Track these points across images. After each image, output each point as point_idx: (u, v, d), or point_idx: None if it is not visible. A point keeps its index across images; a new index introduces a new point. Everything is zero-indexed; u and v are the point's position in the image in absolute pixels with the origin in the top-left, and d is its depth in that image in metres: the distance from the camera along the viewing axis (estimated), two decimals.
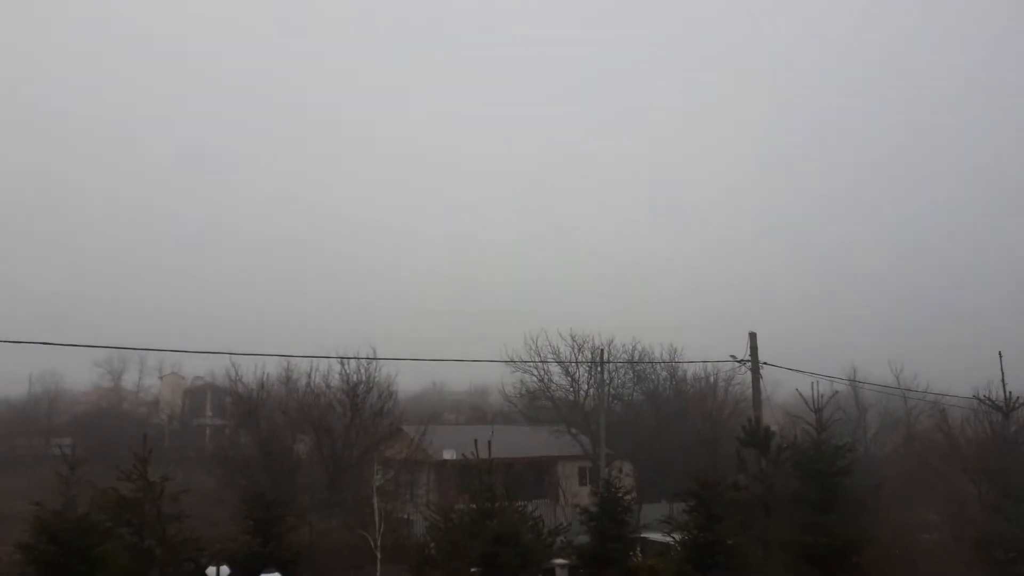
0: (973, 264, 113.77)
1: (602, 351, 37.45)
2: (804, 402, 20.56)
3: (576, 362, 40.06)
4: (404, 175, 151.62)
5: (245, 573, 19.33)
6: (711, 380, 43.60)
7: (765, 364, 25.24)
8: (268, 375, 35.95)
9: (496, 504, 18.39)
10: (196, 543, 17.35)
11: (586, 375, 40.44)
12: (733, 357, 25.75)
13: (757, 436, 20.34)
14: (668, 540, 21.53)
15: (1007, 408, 22.46)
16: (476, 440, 18.78)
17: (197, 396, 71.18)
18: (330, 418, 33.93)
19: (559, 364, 40.20)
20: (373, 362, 33.96)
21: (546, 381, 40.82)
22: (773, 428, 21.57)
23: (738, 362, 25.67)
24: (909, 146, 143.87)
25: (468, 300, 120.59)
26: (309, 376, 35.61)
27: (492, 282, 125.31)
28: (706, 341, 54.69)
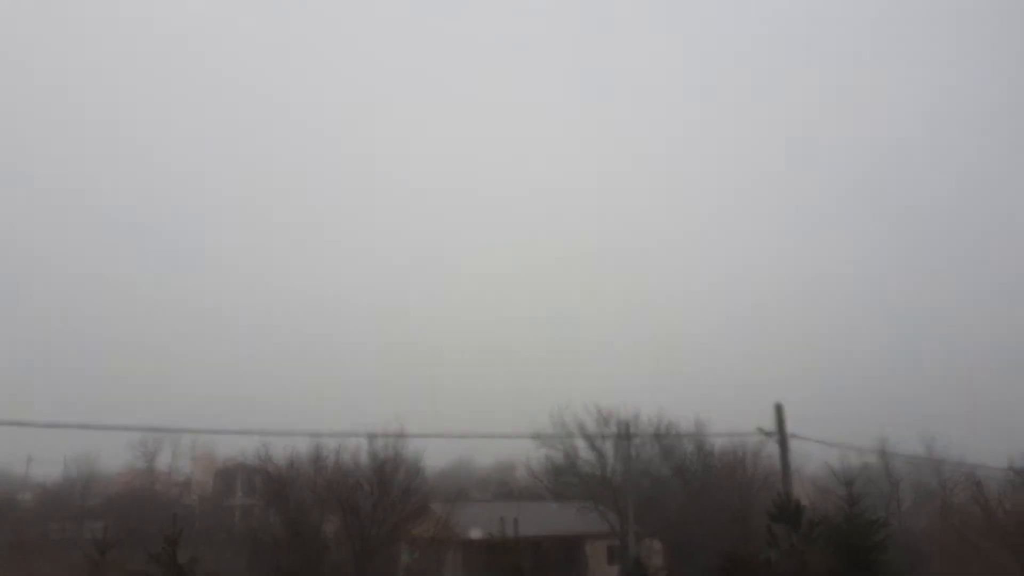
0: (1004, 330, 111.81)
1: (628, 424, 37.25)
2: (834, 475, 20.43)
3: (602, 436, 39.79)
4: (429, 257, 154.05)
5: None
6: (739, 453, 43.06)
7: (793, 436, 25.10)
8: (298, 454, 36.24)
9: None
10: None
11: (612, 449, 40.15)
12: (760, 430, 25.62)
13: (787, 511, 20.09)
14: None
15: None
16: (502, 518, 18.85)
17: (228, 477, 71.26)
18: (358, 496, 33.91)
19: (585, 438, 39.99)
20: (401, 439, 34.15)
21: (572, 456, 40.56)
22: (804, 502, 21.34)
23: (765, 435, 25.54)
24: (935, 210, 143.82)
25: (495, 375, 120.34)
26: (338, 454, 35.83)
27: (518, 356, 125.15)
28: (734, 413, 54.11)
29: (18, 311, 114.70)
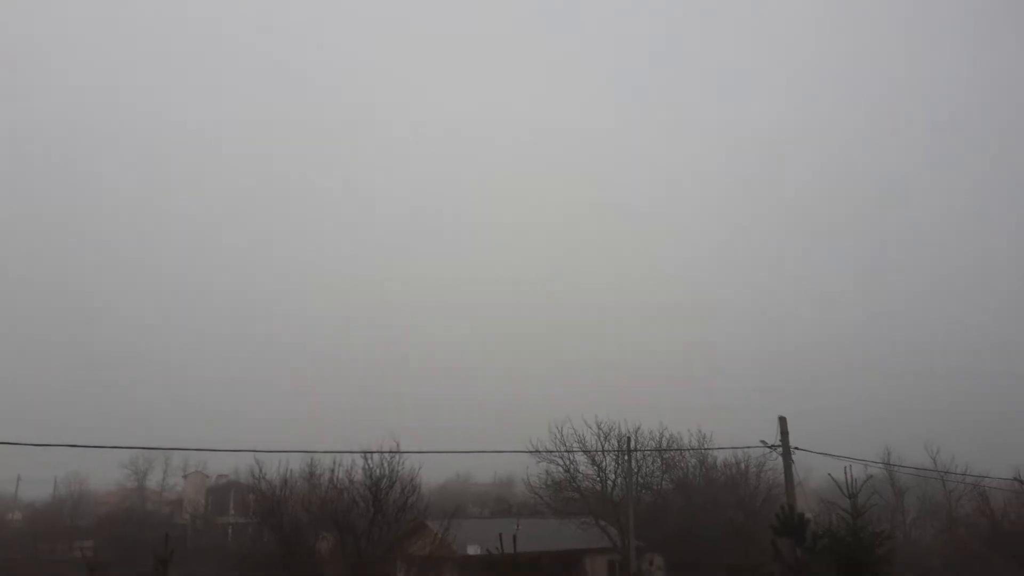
0: (1007, 339, 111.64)
1: (629, 439, 36.74)
2: (838, 487, 20.00)
3: (603, 451, 39.25)
4: (430, 282, 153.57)
5: None
6: (742, 467, 42.52)
7: (796, 449, 24.71)
8: (291, 471, 35.60)
9: None
10: None
11: (613, 464, 39.62)
12: (763, 442, 25.25)
13: (791, 524, 19.70)
14: None
15: None
16: (501, 534, 18.32)
17: (221, 494, 70.45)
18: (353, 514, 33.29)
19: (585, 453, 39.45)
20: (396, 456, 33.56)
21: (572, 471, 40.00)
22: (807, 515, 20.93)
23: (769, 447, 25.15)
24: (940, 222, 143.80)
25: (491, 390, 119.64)
26: (332, 472, 35.14)
27: (514, 371, 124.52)
28: (736, 427, 53.65)
29: (6, 329, 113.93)
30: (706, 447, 41.42)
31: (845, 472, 19.71)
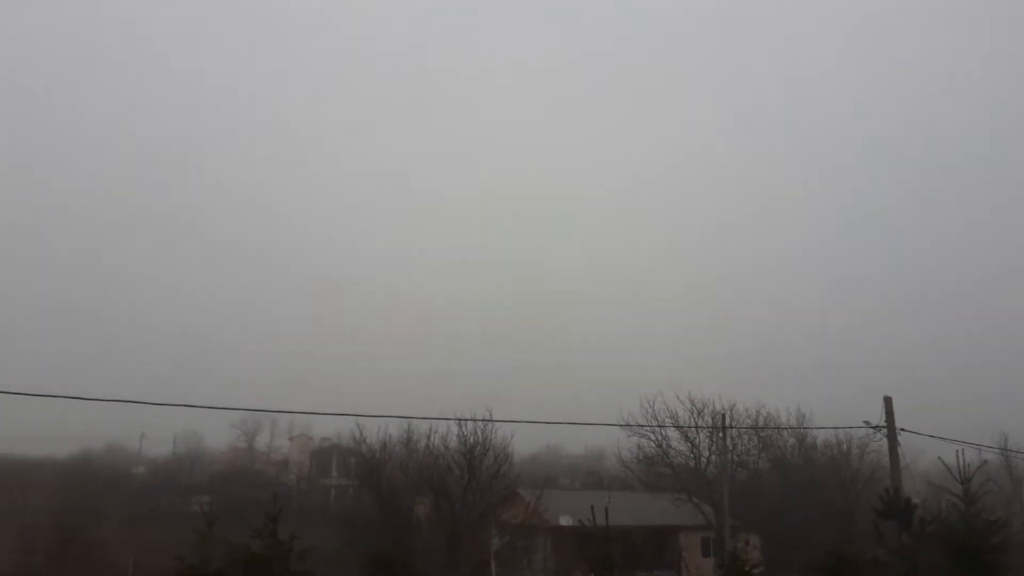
0: None
1: (724, 416, 36.11)
2: (948, 472, 19.07)
3: (696, 427, 38.75)
4: (522, 238, 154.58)
5: None
6: (844, 447, 41.13)
7: (902, 431, 23.67)
8: (390, 436, 36.91)
9: (615, 574, 17.82)
10: None
11: (707, 441, 39.07)
12: (867, 423, 24.31)
13: (897, 507, 18.93)
14: None
15: None
16: (592, 506, 18.35)
17: (323, 457, 73.65)
18: (448, 480, 34.23)
19: (678, 429, 39.05)
20: (489, 424, 34.20)
21: (664, 447, 39.70)
22: (915, 499, 20.08)
23: (873, 428, 24.20)
24: None
25: (584, 361, 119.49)
26: (429, 438, 36.25)
27: (606, 342, 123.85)
28: (837, 407, 51.77)
29: (133, 304, 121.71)
30: (805, 426, 40.31)
31: (957, 456, 18.79)
